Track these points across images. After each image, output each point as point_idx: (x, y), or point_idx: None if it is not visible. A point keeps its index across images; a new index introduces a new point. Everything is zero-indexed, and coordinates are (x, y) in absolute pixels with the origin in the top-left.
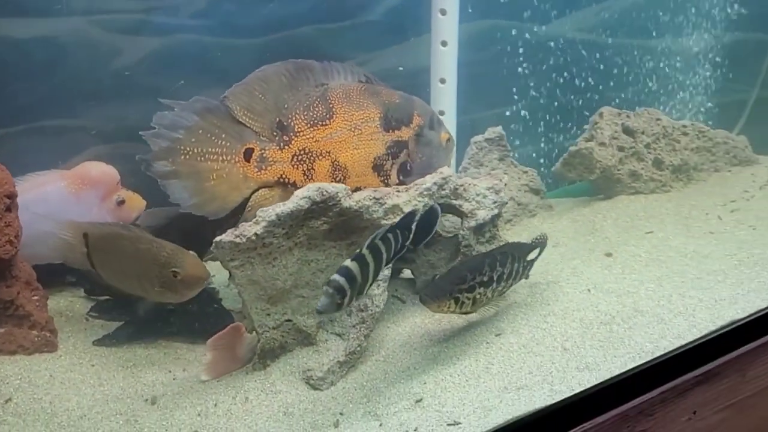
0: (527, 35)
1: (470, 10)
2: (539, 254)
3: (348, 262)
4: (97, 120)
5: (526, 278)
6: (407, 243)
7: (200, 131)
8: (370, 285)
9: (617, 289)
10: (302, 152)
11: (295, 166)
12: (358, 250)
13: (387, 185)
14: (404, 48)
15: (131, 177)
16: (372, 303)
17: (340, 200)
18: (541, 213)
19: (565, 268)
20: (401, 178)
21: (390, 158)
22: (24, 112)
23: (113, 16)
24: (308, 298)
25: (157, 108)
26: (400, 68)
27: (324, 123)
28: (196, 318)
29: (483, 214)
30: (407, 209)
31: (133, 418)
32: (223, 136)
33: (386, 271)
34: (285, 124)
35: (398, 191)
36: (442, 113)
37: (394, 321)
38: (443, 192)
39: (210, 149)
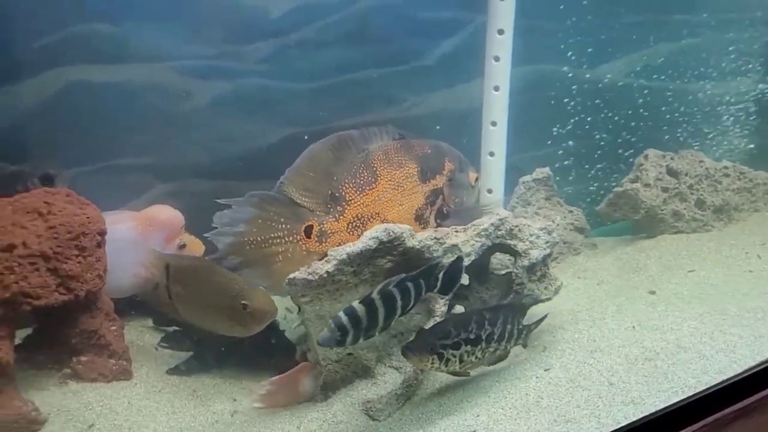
0: (575, 79)
1: (521, 57)
2: (537, 325)
3: (355, 304)
4: (166, 159)
5: (524, 346)
6: (433, 291)
7: (259, 221)
8: (383, 329)
9: (661, 326)
10: (356, 219)
11: (351, 232)
12: (368, 293)
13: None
14: (456, 91)
15: (194, 211)
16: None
17: (404, 240)
18: (585, 251)
19: (609, 305)
20: (438, 221)
21: (429, 206)
22: (99, 152)
23: (185, 62)
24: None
25: (221, 144)
26: (438, 128)
27: (371, 187)
28: (260, 350)
29: (536, 254)
30: (466, 249)
31: None
32: (282, 220)
33: (442, 308)
34: (337, 195)
35: (456, 231)
36: (492, 154)
37: None
38: (499, 232)
39: (272, 234)
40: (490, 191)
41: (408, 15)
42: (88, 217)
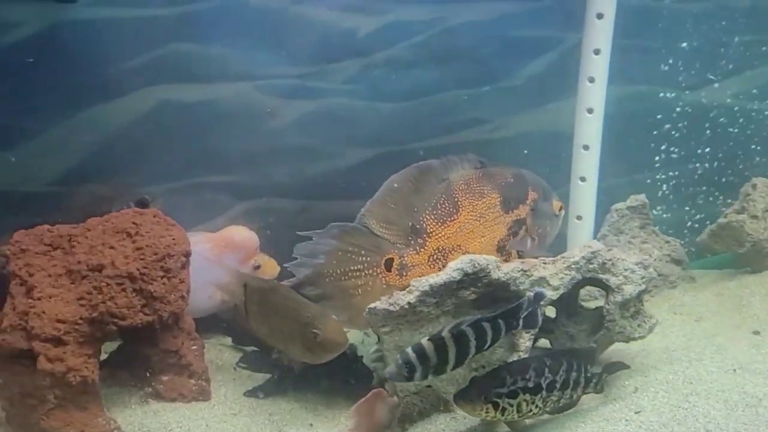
0: (677, 101)
1: (618, 77)
2: (611, 371)
3: (424, 341)
4: (249, 176)
5: (598, 392)
6: (512, 331)
7: (339, 253)
8: (455, 367)
9: (765, 371)
10: (437, 251)
11: (432, 265)
12: (439, 331)
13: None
14: (546, 113)
15: (277, 229)
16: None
17: (489, 272)
18: (682, 284)
19: (708, 345)
20: (521, 253)
21: (511, 237)
22: (185, 169)
23: (270, 81)
24: None
25: (304, 163)
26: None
27: (452, 218)
28: (337, 375)
29: (630, 290)
30: (554, 282)
31: None
32: (363, 252)
33: (528, 343)
34: (418, 227)
35: (545, 263)
36: (583, 179)
37: None
38: (591, 266)
39: (351, 267)
40: (579, 218)
41: (497, 33)
42: (173, 239)
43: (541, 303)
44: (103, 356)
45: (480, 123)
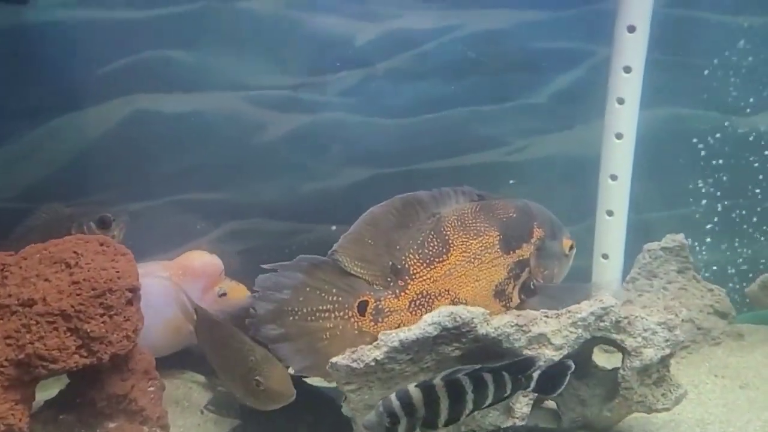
0: (719, 126)
1: (652, 98)
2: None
3: (411, 387)
4: (236, 195)
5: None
6: (524, 391)
7: (307, 289)
8: (448, 423)
9: None
10: (420, 296)
11: (414, 312)
12: (431, 378)
13: (508, 308)
14: (570, 136)
15: (264, 252)
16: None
17: (475, 326)
18: (727, 342)
19: (754, 420)
20: (523, 297)
21: (512, 281)
22: (163, 186)
23: (260, 92)
24: None
25: (295, 182)
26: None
27: (441, 259)
28: (313, 426)
29: (650, 354)
30: (556, 341)
31: None
32: (334, 291)
33: (524, 408)
34: (399, 267)
35: (546, 317)
36: (610, 213)
37: None
38: (602, 324)
39: (320, 307)
40: (605, 257)
41: (516, 44)
42: (117, 272)
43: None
44: (51, 395)
45: (494, 145)
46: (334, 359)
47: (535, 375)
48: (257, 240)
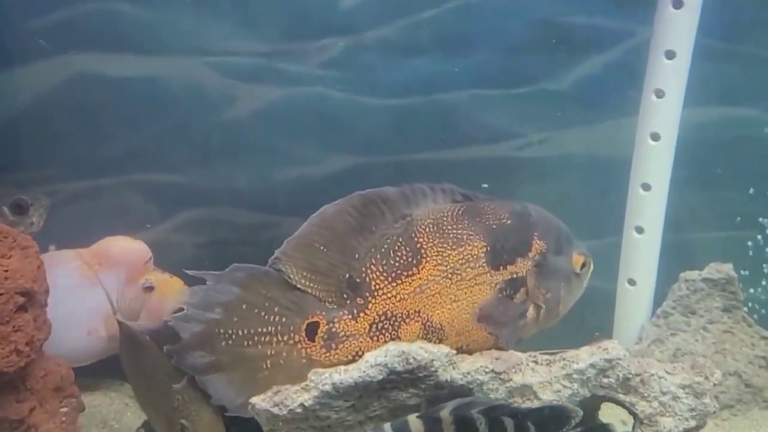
0: None
1: (700, 93)
2: None
3: (412, 419)
4: (197, 178)
5: None
6: None
7: (244, 306)
8: None
9: None
10: (383, 318)
11: (376, 338)
12: (435, 409)
13: (500, 336)
14: (599, 131)
15: (230, 248)
16: None
17: (435, 371)
18: None
19: None
20: (520, 323)
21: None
22: (116, 163)
23: (228, 59)
24: None
25: (267, 167)
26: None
27: (410, 272)
28: None
29: (669, 424)
30: (545, 396)
31: None
32: (276, 309)
33: None
34: (357, 281)
35: (535, 362)
36: (640, 230)
37: None
38: (606, 380)
39: (260, 329)
40: (632, 282)
41: (536, 16)
42: (5, 270)
43: None
44: None
45: (504, 136)
46: (253, 399)
47: None
48: (221, 232)
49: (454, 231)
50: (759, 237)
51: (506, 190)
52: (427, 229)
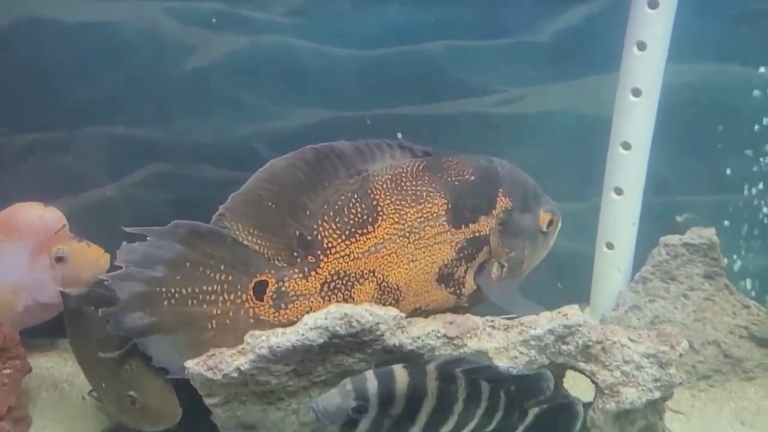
0: None
1: (687, 48)
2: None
3: (398, 368)
4: (158, 131)
5: None
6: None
7: (187, 264)
8: None
9: None
10: (336, 277)
11: (327, 298)
12: (422, 363)
13: (460, 297)
14: (579, 87)
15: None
16: None
17: (382, 335)
18: (764, 378)
19: None
20: (479, 284)
21: (463, 262)
22: (67, 115)
23: (188, 4)
24: None
25: (232, 121)
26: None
27: (365, 230)
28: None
29: (632, 396)
30: (502, 362)
31: None
32: (222, 267)
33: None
34: (309, 238)
35: (491, 326)
36: (619, 191)
37: None
38: (565, 347)
39: (204, 288)
40: (609, 246)
41: None
42: None
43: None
44: None
45: (480, 92)
46: (187, 363)
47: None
48: (185, 189)
49: (413, 188)
50: (730, 205)
51: (482, 149)
52: (384, 186)
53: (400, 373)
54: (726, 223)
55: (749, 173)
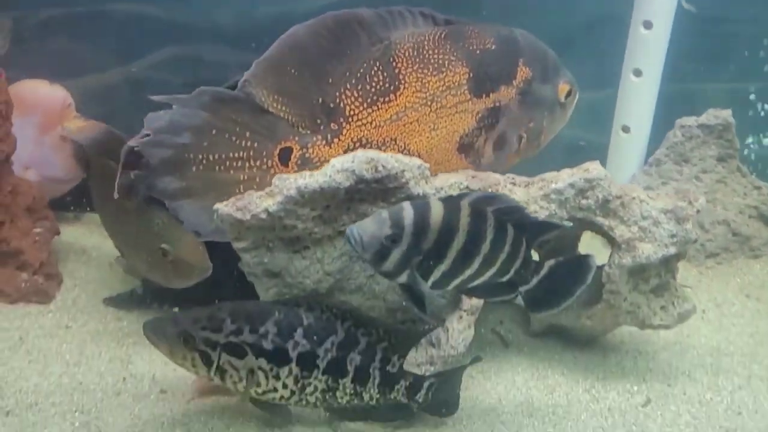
0: None
1: None
2: (460, 371)
3: (434, 200)
4: (178, 13)
5: (422, 407)
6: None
7: (213, 132)
8: (442, 283)
9: None
10: (358, 144)
11: None
12: (459, 197)
13: (479, 167)
14: None
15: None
16: (447, 338)
17: (407, 183)
18: None
19: None
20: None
21: (483, 132)
22: None
23: None
24: (359, 307)
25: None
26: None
27: (387, 99)
28: (225, 288)
29: (648, 251)
30: None
31: (95, 420)
32: (248, 134)
33: (474, 300)
34: (332, 106)
35: (513, 183)
36: (638, 73)
37: (484, 370)
38: (585, 201)
39: (231, 154)
40: (626, 130)
41: None
42: None
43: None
44: None
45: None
46: (217, 205)
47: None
48: (204, 71)
49: (435, 56)
50: (751, 92)
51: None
52: (406, 54)
53: (436, 206)
54: None
55: None
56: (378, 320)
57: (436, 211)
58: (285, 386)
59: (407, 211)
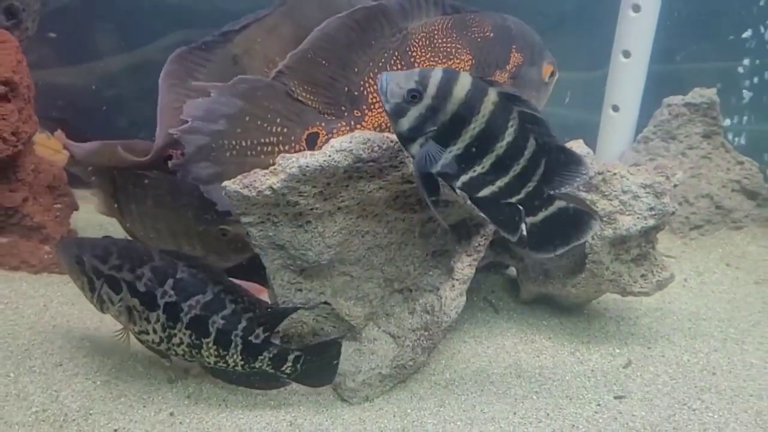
0: None
1: None
2: (333, 343)
3: (464, 74)
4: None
5: (294, 376)
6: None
7: (247, 118)
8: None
9: None
10: (378, 130)
11: None
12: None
13: None
14: None
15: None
16: (441, 306)
17: (403, 162)
18: (751, 227)
19: (762, 322)
20: None
21: None
22: None
23: None
24: (358, 278)
25: None
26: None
27: None
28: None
29: (628, 223)
30: None
31: (116, 380)
32: (278, 120)
33: (466, 270)
34: (356, 94)
35: None
36: (627, 54)
37: (476, 335)
38: None
39: (263, 140)
40: (615, 109)
41: None
42: None
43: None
44: None
45: None
46: (225, 183)
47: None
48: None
49: (445, 45)
50: (738, 69)
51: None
52: (420, 43)
53: (465, 78)
54: None
55: None
56: (248, 293)
57: (463, 82)
58: (155, 331)
59: (436, 72)
